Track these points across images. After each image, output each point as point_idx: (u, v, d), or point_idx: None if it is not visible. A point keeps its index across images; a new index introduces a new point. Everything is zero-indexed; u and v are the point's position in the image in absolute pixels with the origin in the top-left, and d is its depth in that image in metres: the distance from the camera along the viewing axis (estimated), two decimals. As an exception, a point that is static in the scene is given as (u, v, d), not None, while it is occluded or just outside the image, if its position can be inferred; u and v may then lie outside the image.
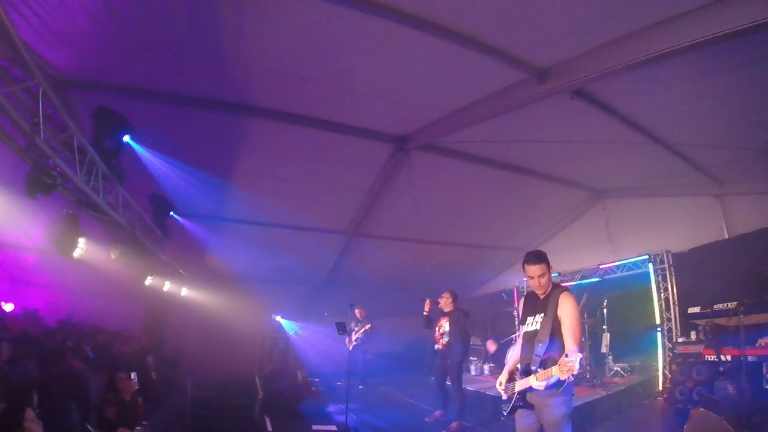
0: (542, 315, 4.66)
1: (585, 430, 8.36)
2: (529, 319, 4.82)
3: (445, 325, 9.50)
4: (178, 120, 8.90)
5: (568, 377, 4.13)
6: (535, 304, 4.84)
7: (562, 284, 5.04)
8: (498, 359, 13.93)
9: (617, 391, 9.97)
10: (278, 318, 15.59)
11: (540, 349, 4.52)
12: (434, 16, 6.29)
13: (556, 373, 4.19)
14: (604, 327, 11.31)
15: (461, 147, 10.44)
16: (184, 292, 14.85)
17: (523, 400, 4.66)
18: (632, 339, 11.89)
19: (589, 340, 11.36)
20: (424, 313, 9.90)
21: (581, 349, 4.35)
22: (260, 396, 10.92)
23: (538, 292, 4.83)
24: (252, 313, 15.96)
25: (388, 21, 6.29)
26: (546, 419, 4.56)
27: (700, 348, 8.73)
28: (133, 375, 7.61)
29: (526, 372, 4.60)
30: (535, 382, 4.41)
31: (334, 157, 10.54)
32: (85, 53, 7.12)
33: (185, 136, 9.39)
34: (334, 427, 9.15)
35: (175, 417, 9.84)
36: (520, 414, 4.76)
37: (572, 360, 4.06)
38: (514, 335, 14.25)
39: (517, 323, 4.89)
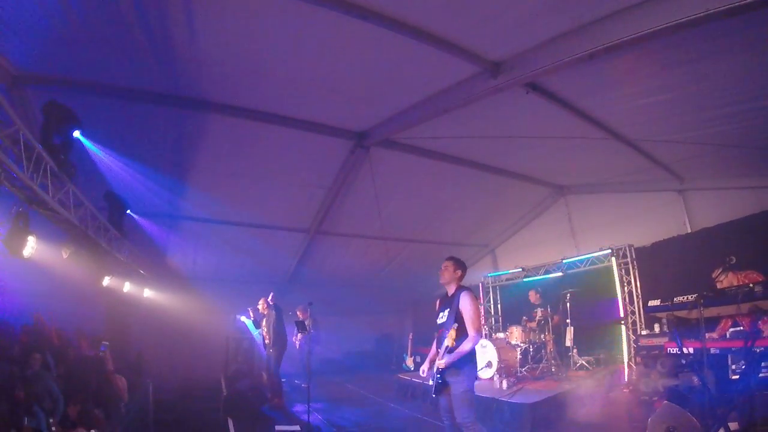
0: (447, 310, 5.88)
1: (550, 423, 8.42)
2: (441, 314, 6.04)
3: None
4: (131, 116, 8.59)
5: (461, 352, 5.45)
6: (444, 302, 6.12)
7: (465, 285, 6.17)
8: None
9: (582, 384, 10.00)
10: (242, 318, 15.32)
11: (445, 334, 5.63)
12: (379, 7, 6.19)
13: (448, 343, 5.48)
14: (568, 321, 11.39)
15: (421, 143, 10.42)
16: (147, 293, 14.48)
17: (442, 379, 5.63)
18: (597, 332, 11.98)
19: (552, 334, 11.40)
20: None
21: (479, 332, 5.61)
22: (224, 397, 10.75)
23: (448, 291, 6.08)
24: (216, 314, 15.71)
25: (333, 11, 6.16)
26: (451, 396, 5.59)
27: (663, 341, 8.86)
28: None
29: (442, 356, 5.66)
30: (440, 361, 5.58)
31: (293, 154, 10.37)
32: (37, 46, 6.83)
33: (139, 133, 9.06)
34: (297, 427, 9.02)
35: (136, 420, 9.62)
36: (440, 394, 5.72)
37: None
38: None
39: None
